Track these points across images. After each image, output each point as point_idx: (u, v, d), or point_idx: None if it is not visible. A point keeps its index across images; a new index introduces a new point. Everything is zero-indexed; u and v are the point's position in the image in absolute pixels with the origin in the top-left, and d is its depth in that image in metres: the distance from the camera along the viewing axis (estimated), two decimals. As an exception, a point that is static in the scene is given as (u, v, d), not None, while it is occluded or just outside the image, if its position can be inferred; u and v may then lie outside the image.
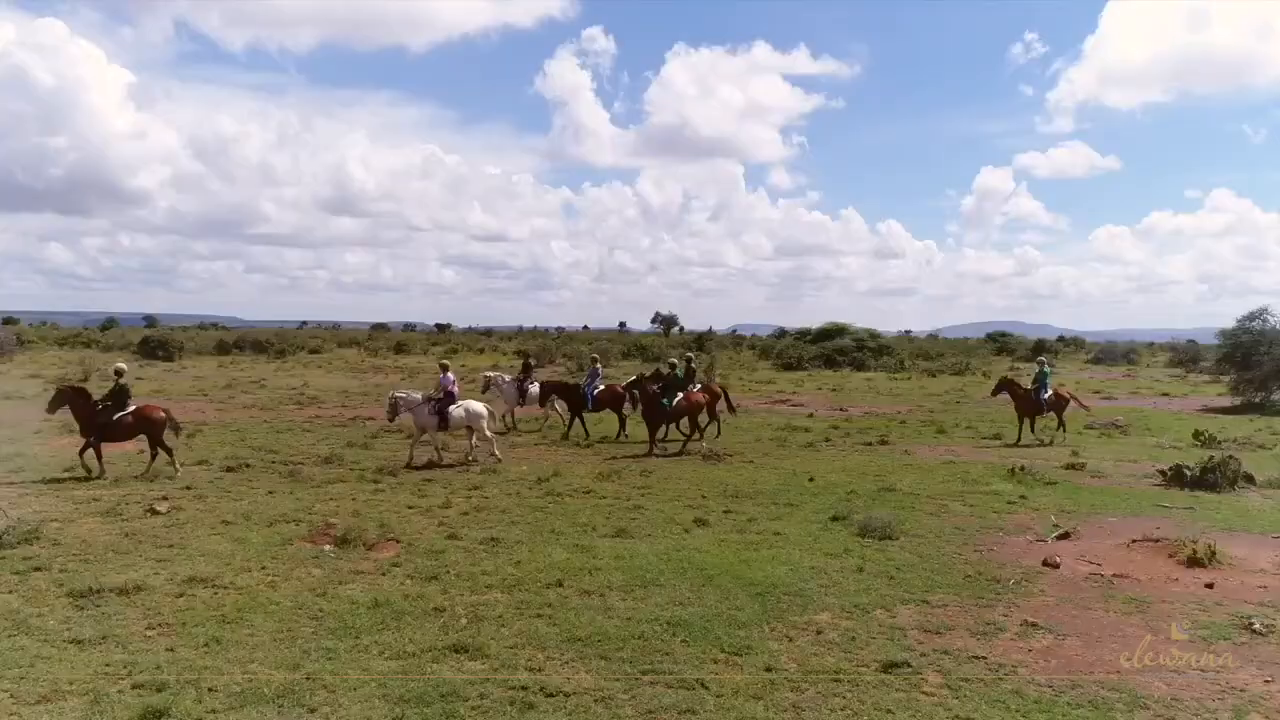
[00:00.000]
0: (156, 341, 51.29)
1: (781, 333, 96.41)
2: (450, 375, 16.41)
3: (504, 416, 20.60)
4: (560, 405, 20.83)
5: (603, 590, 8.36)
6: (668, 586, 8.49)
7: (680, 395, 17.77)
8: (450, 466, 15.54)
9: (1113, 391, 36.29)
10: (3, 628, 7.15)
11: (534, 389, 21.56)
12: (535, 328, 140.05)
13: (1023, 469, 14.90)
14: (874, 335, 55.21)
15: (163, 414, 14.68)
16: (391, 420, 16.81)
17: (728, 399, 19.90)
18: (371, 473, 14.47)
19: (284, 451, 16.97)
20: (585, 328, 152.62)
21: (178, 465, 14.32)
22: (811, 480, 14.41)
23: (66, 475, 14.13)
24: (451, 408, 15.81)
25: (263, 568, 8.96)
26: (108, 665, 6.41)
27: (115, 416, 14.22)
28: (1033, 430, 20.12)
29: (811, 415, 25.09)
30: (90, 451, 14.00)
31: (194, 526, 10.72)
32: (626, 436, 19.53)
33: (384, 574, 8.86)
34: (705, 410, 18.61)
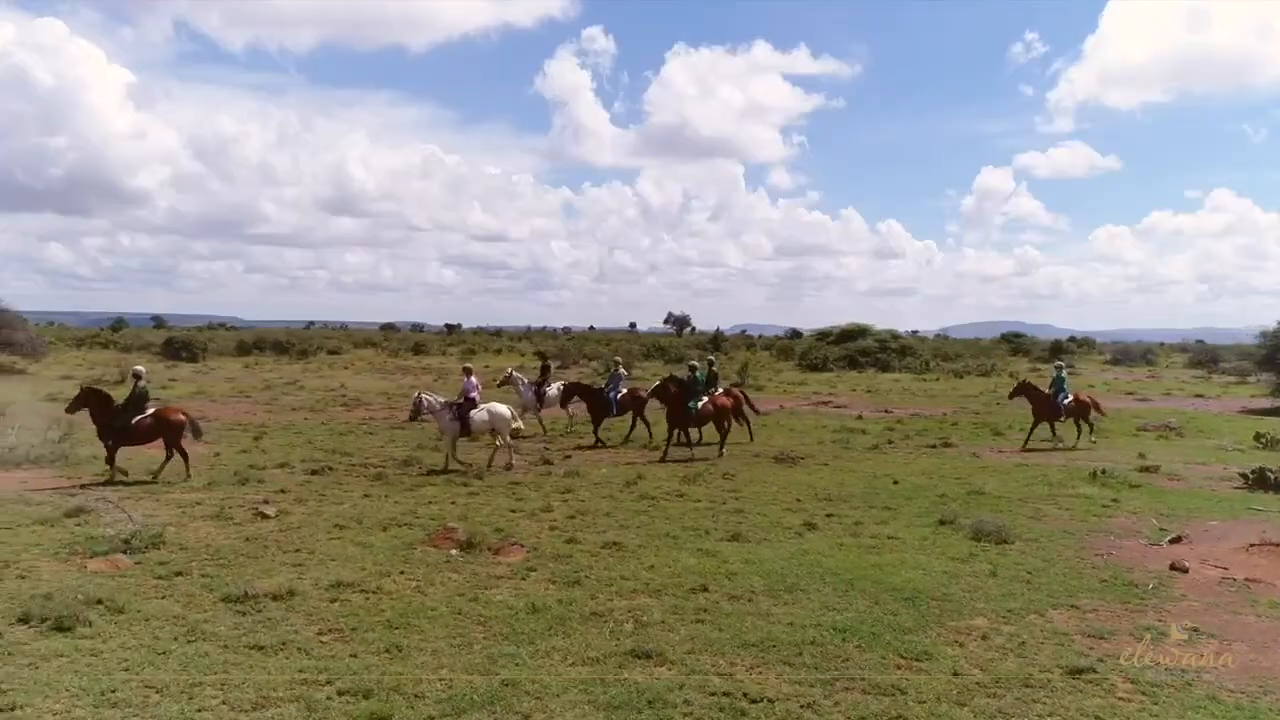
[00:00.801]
0: (180, 343, 51.36)
1: (795, 333, 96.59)
2: (473, 379, 16.20)
3: (522, 415, 20.25)
4: (573, 408, 20.44)
5: (748, 595, 8.39)
6: (811, 592, 8.52)
7: (705, 399, 17.56)
8: (540, 468, 15.56)
9: (1145, 393, 36.33)
10: (176, 632, 7.19)
11: (552, 391, 21.29)
12: (544, 328, 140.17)
13: (1103, 472, 14.94)
14: (895, 336, 55.29)
15: (182, 417, 14.55)
16: (412, 419, 16.58)
17: (749, 402, 19.73)
18: (456, 476, 14.49)
19: (356, 454, 17.01)
20: (591, 328, 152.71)
21: (190, 471, 14.12)
22: (896, 483, 14.45)
23: (148, 478, 14.17)
24: (474, 412, 15.61)
25: (401, 572, 9.00)
26: (301, 671, 6.44)
27: (135, 420, 14.09)
28: (1053, 433, 19.90)
29: (860, 417, 25.12)
30: (117, 454, 14.05)
31: (309, 530, 10.76)
32: (650, 439, 19.25)
33: (523, 578, 8.89)
34: (730, 414, 18.25)
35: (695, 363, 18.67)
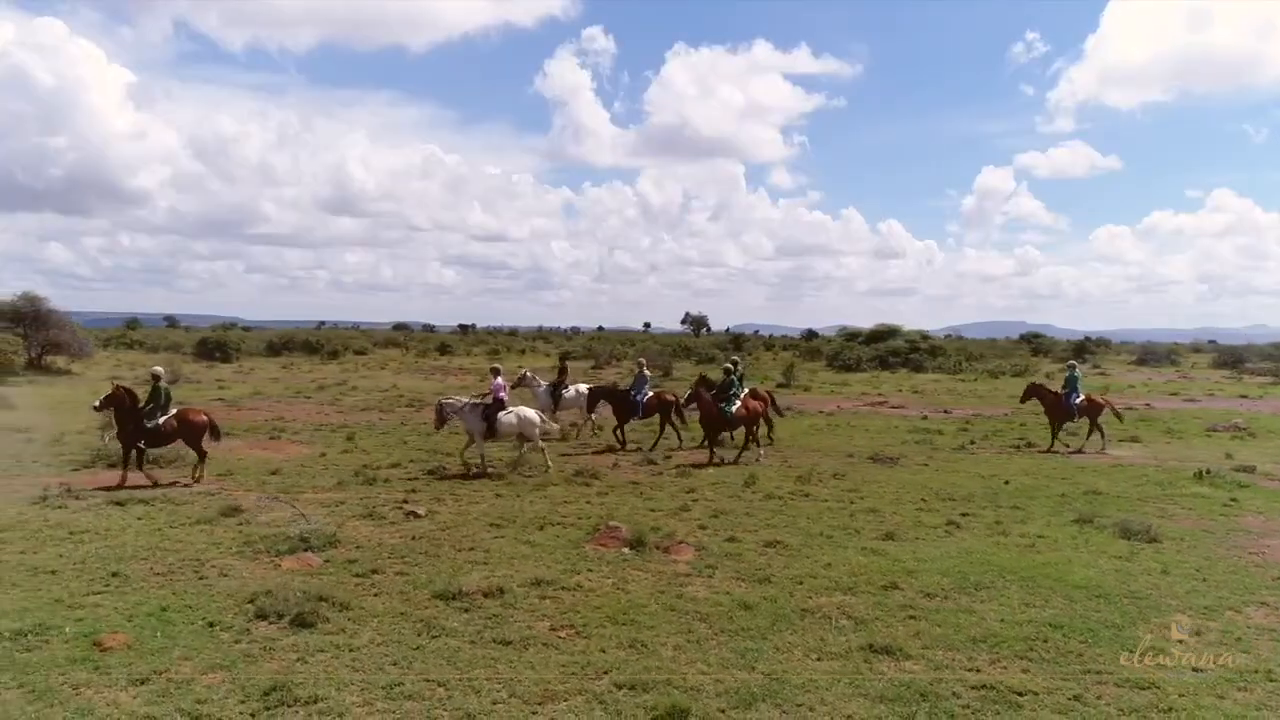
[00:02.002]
0: (214, 343, 51.49)
1: (811, 333, 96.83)
2: (501, 380, 15.91)
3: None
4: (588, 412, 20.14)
5: (941, 593, 8.58)
6: (999, 589, 8.71)
7: (739, 402, 17.15)
8: (654, 467, 15.73)
9: (1187, 393, 36.47)
10: (415, 629, 7.38)
11: (569, 394, 20.85)
12: (555, 328, 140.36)
13: (1208, 472, 15.12)
14: (925, 337, 55.50)
15: (204, 418, 14.48)
16: (439, 429, 16.29)
17: (774, 403, 19.39)
18: (571, 476, 14.67)
19: (455, 454, 17.17)
20: (601, 329, 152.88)
21: (204, 475, 14.04)
22: (1006, 483, 14.63)
23: (274, 477, 14.35)
24: (501, 414, 15.22)
25: (589, 570, 9.19)
26: (565, 666, 6.64)
27: (161, 420, 13.95)
28: (1054, 436, 19.58)
29: (925, 418, 25.31)
30: (139, 455, 13.93)
31: (468, 529, 10.94)
32: (680, 444, 18.79)
33: (709, 576, 9.08)
34: (762, 418, 17.86)
35: (729, 365, 18.34)
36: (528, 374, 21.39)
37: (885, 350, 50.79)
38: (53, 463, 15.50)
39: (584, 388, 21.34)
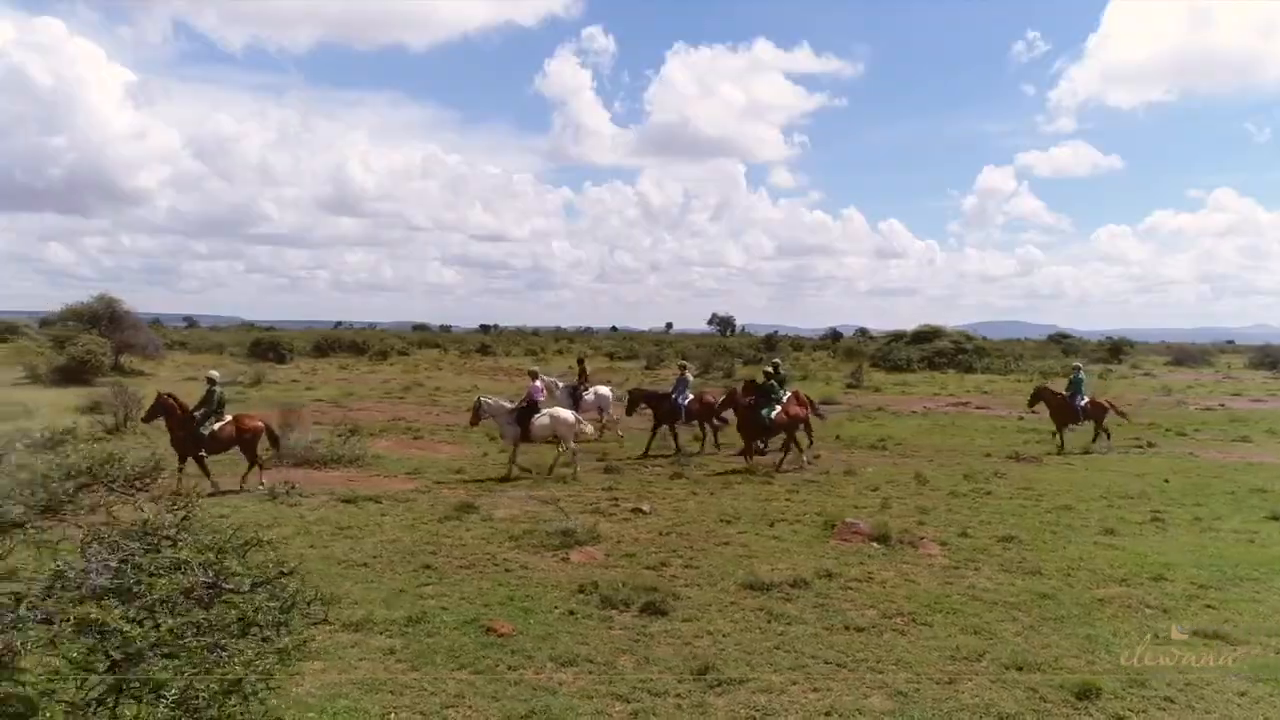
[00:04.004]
0: (268, 344, 51.96)
1: (835, 334, 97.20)
2: (539, 383, 16.01)
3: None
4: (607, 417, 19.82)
5: (1213, 584, 9.04)
6: (1259, 581, 9.19)
7: (779, 408, 16.52)
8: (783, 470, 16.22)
9: (1250, 394, 36.94)
10: (756, 617, 7.87)
11: (589, 396, 20.33)
12: (586, 329, 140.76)
13: (1357, 471, 15.59)
14: (969, 338, 55.98)
15: (260, 424, 14.13)
16: (474, 425, 16.21)
17: (815, 408, 18.71)
18: (726, 475, 15.17)
19: (611, 454, 17.67)
20: (614, 328, 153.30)
21: (251, 483, 13.51)
22: (1167, 481, 15.11)
23: (457, 476, 14.85)
24: (535, 417, 15.20)
25: (860, 564, 9.66)
26: (935, 649, 7.14)
27: (217, 426, 13.51)
28: (1054, 435, 19.48)
29: (1022, 419, 25.75)
30: (190, 463, 13.37)
31: (701, 524, 11.43)
32: (701, 450, 18.45)
33: (974, 569, 9.57)
34: (802, 423, 17.14)
35: (769, 368, 17.84)
36: (541, 376, 20.14)
37: (931, 351, 51.27)
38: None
39: (604, 390, 21.11)
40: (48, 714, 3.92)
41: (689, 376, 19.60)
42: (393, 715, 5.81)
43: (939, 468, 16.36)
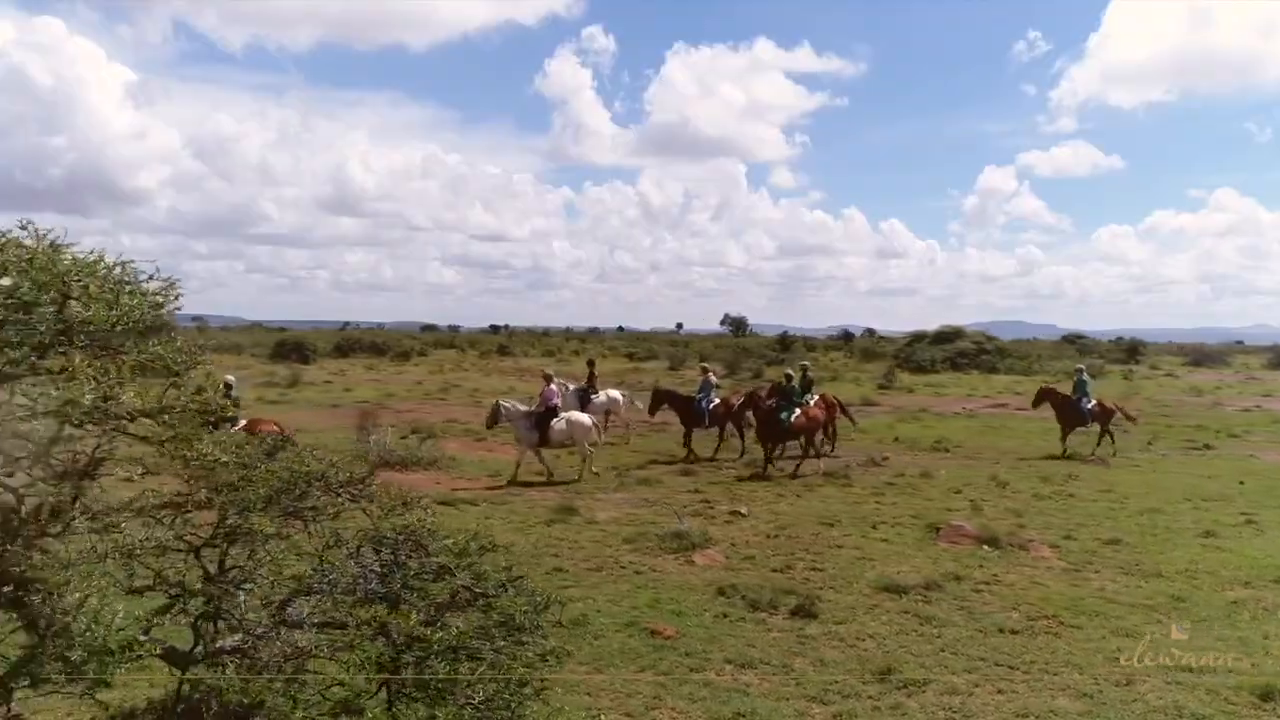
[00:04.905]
0: (292, 345, 52.07)
1: (847, 334, 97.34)
2: (553, 387, 15.86)
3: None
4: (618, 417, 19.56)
5: (1333, 586, 9.19)
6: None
7: (798, 411, 16.29)
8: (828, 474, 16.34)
9: (1278, 394, 37.07)
10: (904, 619, 7.99)
11: (599, 398, 19.94)
12: (589, 329, 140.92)
13: None
14: (990, 338, 56.09)
15: (275, 427, 13.92)
16: (490, 427, 16.10)
17: (844, 409, 18.77)
18: (824, 476, 15.29)
19: (667, 454, 17.80)
20: (620, 328, 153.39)
21: None
22: (1242, 483, 15.23)
23: (538, 478, 14.96)
24: (553, 421, 15.07)
25: (981, 566, 9.77)
26: (1096, 651, 7.26)
27: (233, 430, 12.98)
28: (1062, 440, 19.09)
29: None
30: None
31: (803, 527, 11.54)
32: (741, 454, 17.91)
33: (1095, 571, 9.69)
34: (823, 427, 16.99)
35: (790, 371, 17.56)
36: (560, 382, 18.97)
37: (953, 351, 51.38)
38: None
39: (614, 393, 20.85)
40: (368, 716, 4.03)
41: (713, 379, 19.31)
42: (602, 717, 5.92)
43: (1010, 469, 16.47)
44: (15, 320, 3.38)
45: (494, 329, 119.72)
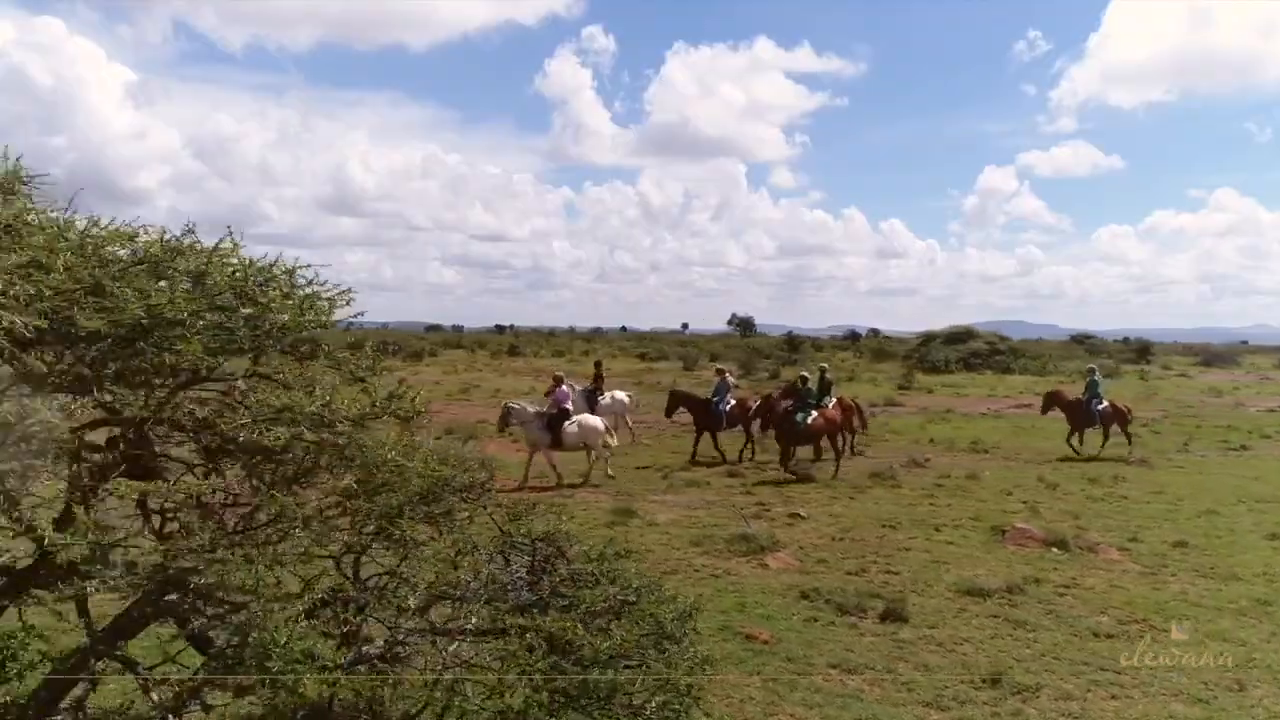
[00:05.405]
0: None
1: (854, 334, 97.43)
2: (565, 389, 15.66)
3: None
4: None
5: None
6: None
7: (815, 413, 16.17)
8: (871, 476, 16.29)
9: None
10: (993, 622, 7.94)
11: (605, 400, 19.75)
12: (592, 329, 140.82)
13: None
14: (1003, 338, 56.13)
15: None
16: (502, 431, 15.90)
17: (860, 413, 18.43)
18: (869, 478, 15.24)
19: (703, 456, 17.75)
20: (624, 328, 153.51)
21: None
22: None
23: (586, 482, 14.91)
24: (565, 424, 14.93)
25: (1054, 568, 9.73)
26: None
27: None
28: (1069, 441, 18.77)
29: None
30: None
31: (865, 529, 11.48)
32: (753, 458, 17.60)
33: (1171, 575, 9.64)
34: (841, 430, 16.72)
35: (805, 372, 17.35)
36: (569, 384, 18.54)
37: (966, 351, 51.36)
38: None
39: (621, 394, 20.55)
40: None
41: (730, 380, 18.92)
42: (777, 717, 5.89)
43: (1053, 470, 16.43)
44: (212, 325, 3.33)
45: (499, 329, 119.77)
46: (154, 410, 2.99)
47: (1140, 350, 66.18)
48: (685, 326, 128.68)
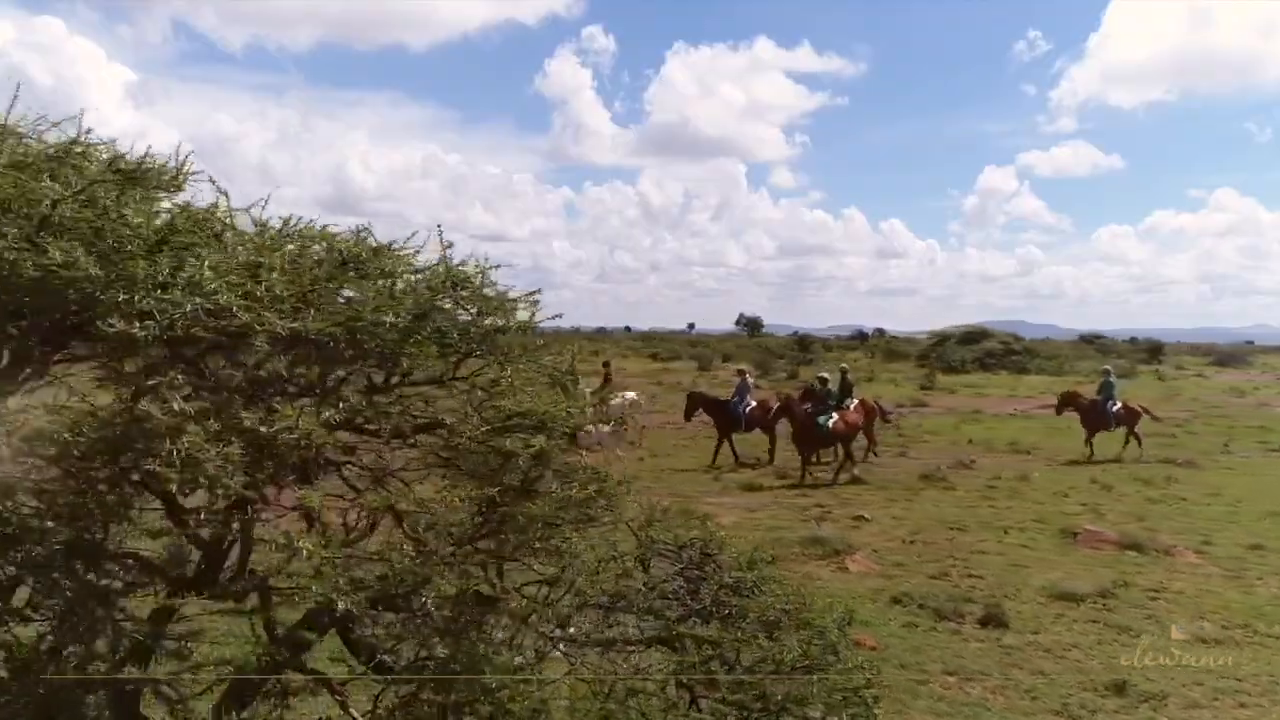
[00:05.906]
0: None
1: (861, 334, 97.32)
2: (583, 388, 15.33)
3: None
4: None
5: None
6: None
7: (836, 416, 15.92)
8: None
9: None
10: (1095, 627, 7.82)
11: (615, 400, 18.80)
12: (600, 329, 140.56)
13: None
14: (1017, 338, 56.06)
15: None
16: None
17: (883, 413, 18.23)
18: (920, 479, 15.14)
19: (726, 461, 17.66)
20: (628, 328, 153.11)
21: None
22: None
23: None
24: None
25: (1138, 572, 9.61)
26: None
27: None
28: (1086, 443, 18.56)
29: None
30: None
31: (933, 532, 11.37)
32: (771, 461, 17.20)
33: (1257, 578, 9.53)
34: (862, 432, 16.57)
35: (824, 374, 17.17)
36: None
37: (981, 351, 51.28)
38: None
39: (630, 394, 20.05)
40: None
41: (750, 381, 18.77)
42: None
43: (1103, 471, 16.32)
44: (432, 329, 3.21)
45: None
46: (397, 416, 2.87)
47: (1152, 350, 66.05)
48: (691, 326, 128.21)
